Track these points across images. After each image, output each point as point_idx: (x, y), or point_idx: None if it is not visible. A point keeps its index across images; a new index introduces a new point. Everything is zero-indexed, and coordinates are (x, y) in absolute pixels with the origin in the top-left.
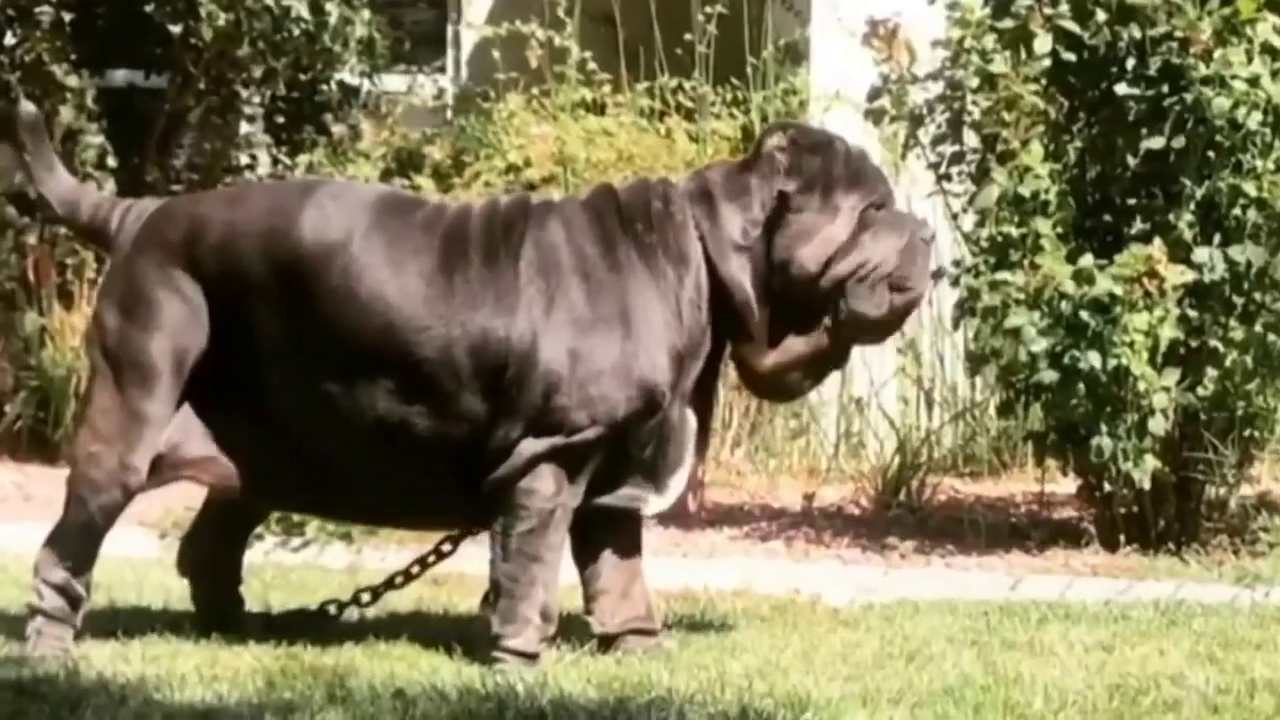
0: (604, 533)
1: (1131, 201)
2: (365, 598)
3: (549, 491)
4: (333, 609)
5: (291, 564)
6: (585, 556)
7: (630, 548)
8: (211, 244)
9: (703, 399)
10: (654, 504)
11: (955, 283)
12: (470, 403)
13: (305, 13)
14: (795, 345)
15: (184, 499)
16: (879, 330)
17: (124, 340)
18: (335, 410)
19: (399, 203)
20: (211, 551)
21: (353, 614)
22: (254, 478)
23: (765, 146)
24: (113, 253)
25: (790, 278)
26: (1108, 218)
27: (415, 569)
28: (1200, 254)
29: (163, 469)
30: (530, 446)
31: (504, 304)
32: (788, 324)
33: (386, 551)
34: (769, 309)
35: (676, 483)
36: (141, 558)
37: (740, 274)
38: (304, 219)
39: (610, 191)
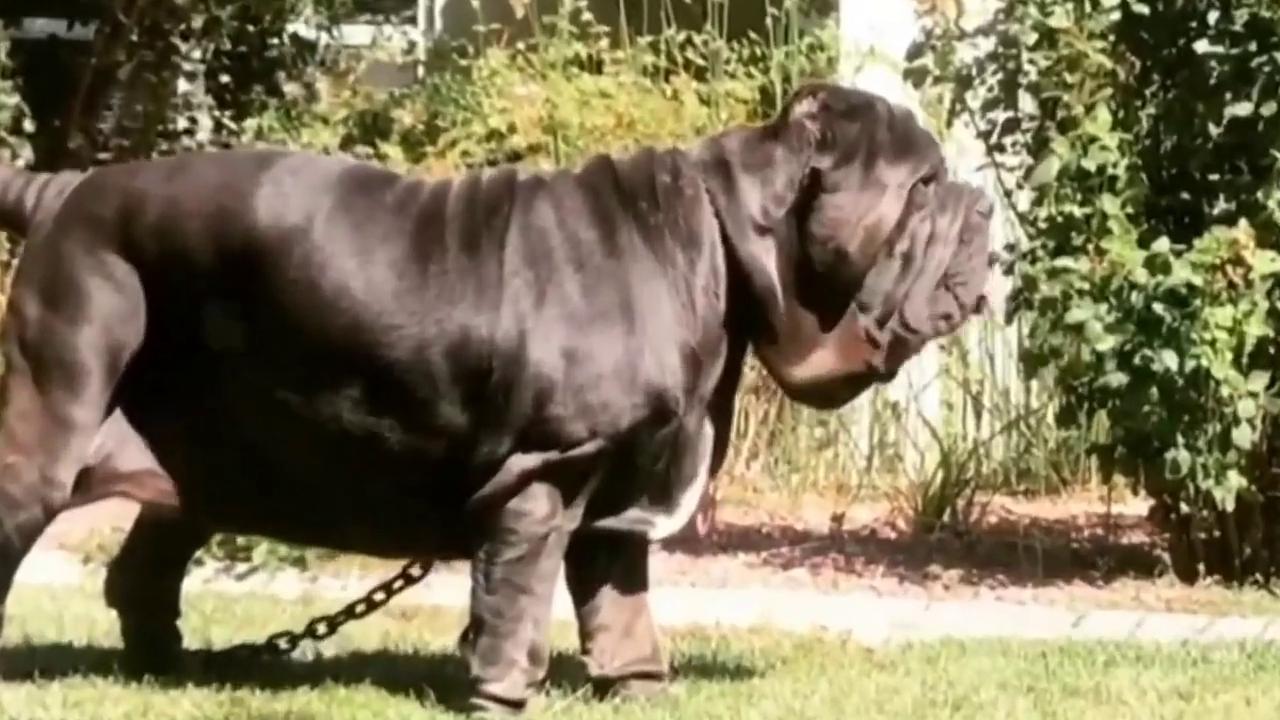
0: (604, 560)
1: (1213, 177)
2: (321, 629)
3: (542, 513)
4: (284, 644)
5: (236, 593)
6: (582, 588)
7: (634, 578)
8: (150, 223)
9: (721, 403)
10: (663, 526)
11: (1009, 270)
12: (449, 413)
13: None
14: (830, 358)
15: (111, 518)
16: (936, 338)
17: (46, 333)
18: (294, 420)
19: (368, 180)
20: (144, 579)
21: (307, 651)
22: (199, 494)
23: (793, 113)
24: (30, 234)
25: (827, 274)
26: (1186, 196)
27: (380, 595)
28: None
29: (92, 483)
30: (520, 462)
31: (486, 298)
32: (821, 324)
33: (346, 579)
34: (798, 304)
35: (689, 501)
36: (62, 585)
37: (763, 256)
38: (259, 198)
39: (608, 164)
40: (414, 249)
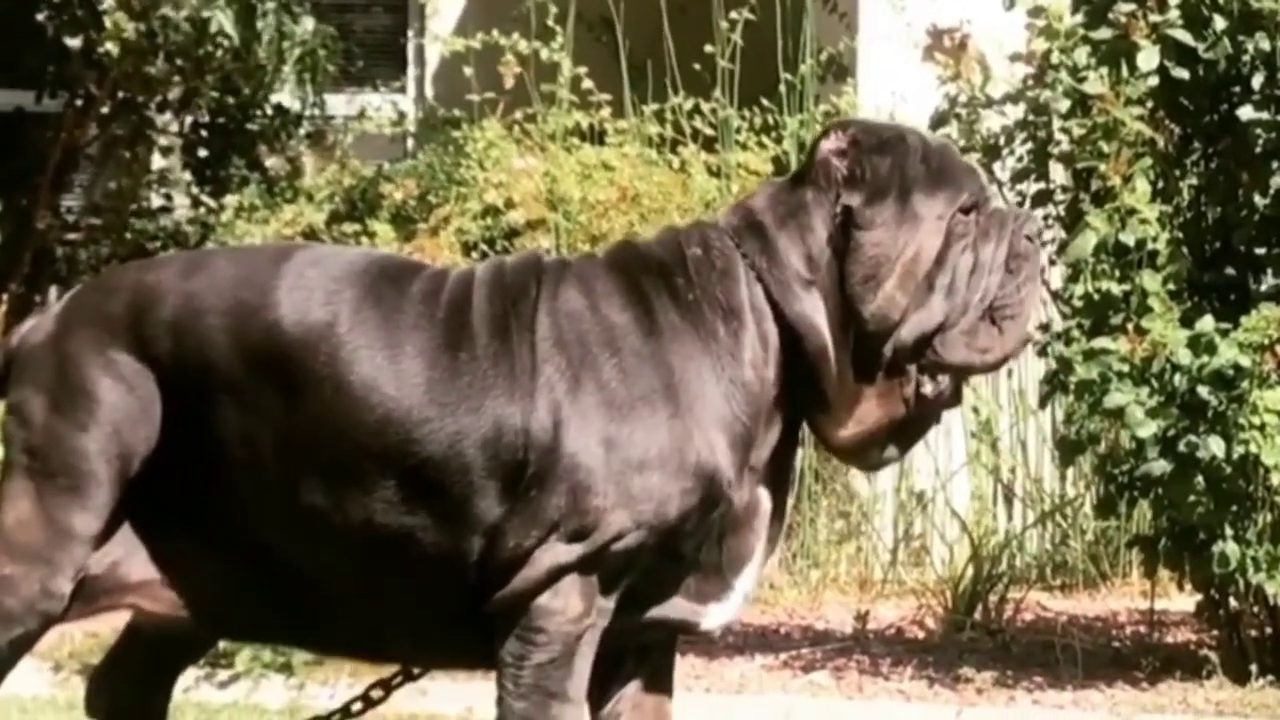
0: (631, 664)
1: (1260, 251)
2: None
3: (575, 611)
4: None
5: (218, 704)
6: (604, 693)
7: (661, 684)
8: (164, 320)
9: (778, 471)
10: (715, 615)
11: (1042, 352)
12: (485, 508)
13: (229, 27)
14: (875, 410)
15: (83, 623)
16: (979, 374)
17: (53, 439)
18: (319, 523)
19: (393, 270)
20: (132, 694)
21: None
22: (212, 605)
23: (820, 151)
24: (24, 340)
25: (867, 318)
26: (1230, 271)
27: (377, 693)
28: None
29: (96, 594)
30: (551, 555)
31: (519, 386)
32: (864, 373)
33: (336, 687)
34: (845, 357)
35: (744, 583)
36: (31, 696)
37: (814, 314)
38: (280, 293)
39: (633, 245)
40: (444, 338)
